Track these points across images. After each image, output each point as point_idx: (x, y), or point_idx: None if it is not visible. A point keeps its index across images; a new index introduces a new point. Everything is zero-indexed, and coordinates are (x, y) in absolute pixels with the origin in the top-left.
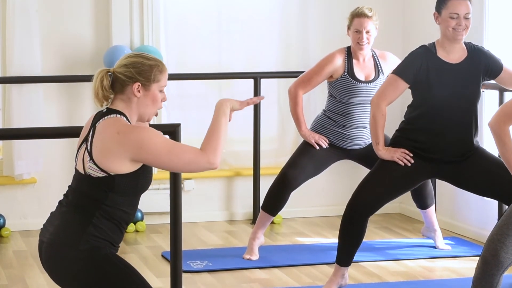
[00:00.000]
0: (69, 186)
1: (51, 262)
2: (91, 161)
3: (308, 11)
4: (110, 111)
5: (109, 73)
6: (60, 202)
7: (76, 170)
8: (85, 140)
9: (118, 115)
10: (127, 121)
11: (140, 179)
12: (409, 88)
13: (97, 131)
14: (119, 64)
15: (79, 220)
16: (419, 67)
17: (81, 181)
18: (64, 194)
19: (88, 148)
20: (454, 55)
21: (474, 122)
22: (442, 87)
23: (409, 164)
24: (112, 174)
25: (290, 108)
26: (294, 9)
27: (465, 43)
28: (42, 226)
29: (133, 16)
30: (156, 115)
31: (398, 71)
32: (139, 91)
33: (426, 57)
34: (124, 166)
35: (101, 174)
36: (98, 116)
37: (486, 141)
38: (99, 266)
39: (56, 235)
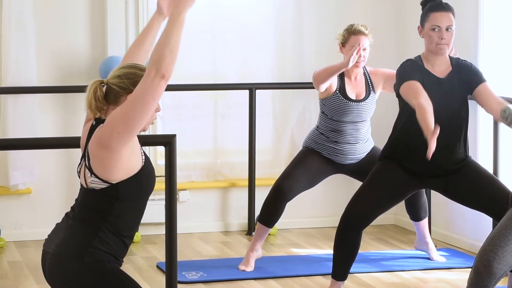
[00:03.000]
0: (75, 200)
1: (54, 274)
2: (92, 175)
3: (303, 22)
4: (98, 122)
5: (103, 84)
6: (66, 214)
7: (81, 185)
8: (83, 156)
9: None
10: None
11: (143, 180)
12: (397, 97)
13: (90, 146)
14: (113, 75)
15: (85, 233)
16: (417, 71)
17: (86, 195)
18: (71, 207)
19: (87, 164)
20: (439, 67)
21: (463, 135)
22: (431, 99)
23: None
24: (114, 183)
25: (321, 73)
26: (288, 20)
27: (449, 57)
28: (46, 237)
29: (128, 27)
30: (152, 124)
31: (406, 78)
32: None
33: (417, 67)
34: (123, 164)
35: (104, 185)
36: (91, 132)
37: (481, 155)
38: (102, 280)
39: (61, 247)
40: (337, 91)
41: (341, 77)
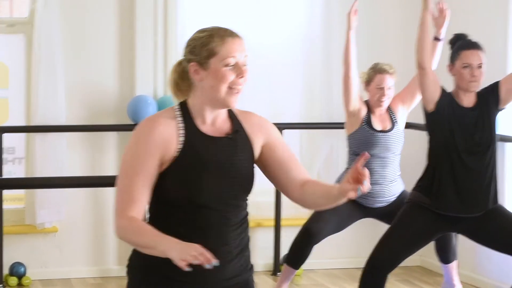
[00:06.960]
0: None
1: None
2: None
3: (332, 63)
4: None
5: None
6: None
7: None
8: None
9: (175, 106)
10: (179, 110)
11: (165, 181)
12: (428, 128)
13: None
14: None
15: None
16: (443, 93)
17: None
18: None
19: None
20: (468, 100)
21: (492, 170)
22: (460, 130)
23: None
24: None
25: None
26: (317, 60)
27: None
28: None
29: (157, 67)
30: (239, 92)
31: None
32: (197, 73)
33: (446, 94)
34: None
35: None
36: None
37: (508, 200)
38: None
39: None
40: (364, 123)
41: (368, 112)
